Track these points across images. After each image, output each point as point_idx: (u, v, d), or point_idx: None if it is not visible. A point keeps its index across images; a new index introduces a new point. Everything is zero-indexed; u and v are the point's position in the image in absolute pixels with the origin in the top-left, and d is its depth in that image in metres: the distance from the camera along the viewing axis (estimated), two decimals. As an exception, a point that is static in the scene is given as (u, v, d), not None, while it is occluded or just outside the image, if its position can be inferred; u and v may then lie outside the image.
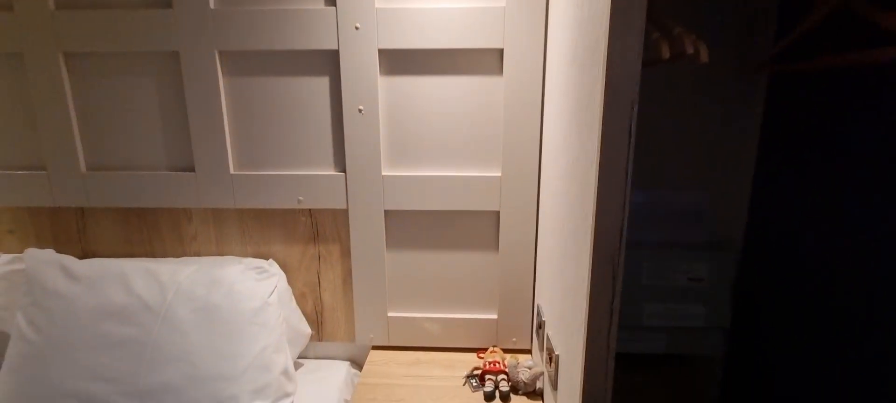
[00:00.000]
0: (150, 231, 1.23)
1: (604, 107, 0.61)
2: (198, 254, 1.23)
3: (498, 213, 1.19)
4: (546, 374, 1.05)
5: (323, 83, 1.13)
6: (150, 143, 1.18)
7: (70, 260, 1.08)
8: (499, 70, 1.10)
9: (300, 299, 1.26)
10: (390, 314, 1.27)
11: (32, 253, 1.07)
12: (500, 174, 1.16)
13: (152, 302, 0.98)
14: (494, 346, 1.26)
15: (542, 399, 1.09)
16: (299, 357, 1.32)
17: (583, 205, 0.72)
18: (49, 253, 1.08)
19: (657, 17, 0.87)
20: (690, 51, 0.80)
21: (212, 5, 1.08)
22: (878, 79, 0.82)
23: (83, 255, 1.24)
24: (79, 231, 1.24)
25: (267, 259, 1.22)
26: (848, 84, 0.88)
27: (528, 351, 1.29)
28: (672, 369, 1.25)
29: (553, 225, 0.98)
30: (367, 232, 1.21)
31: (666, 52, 0.79)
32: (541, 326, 1.10)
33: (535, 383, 1.11)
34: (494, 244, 1.22)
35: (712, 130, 1.09)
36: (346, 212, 1.20)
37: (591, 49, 0.67)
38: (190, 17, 1.07)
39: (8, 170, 1.20)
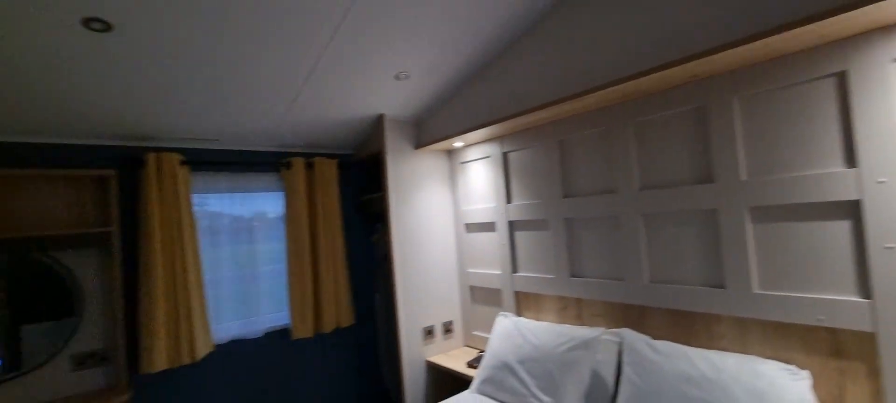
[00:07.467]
0: (689, 327, 1.81)
1: None
2: (724, 350, 1.69)
3: None
4: None
5: (843, 226, 1.41)
6: (693, 267, 1.79)
7: (649, 340, 1.78)
8: None
9: (823, 406, 1.48)
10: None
11: (627, 332, 1.85)
12: None
13: (711, 375, 1.49)
14: None
15: None
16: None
17: None
18: (636, 334, 1.83)
19: None
20: None
21: (743, 177, 1.61)
22: None
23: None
24: (639, 318, 1.98)
25: (787, 363, 1.52)
26: None
27: None
28: None
29: None
30: (900, 356, 1.31)
31: None
32: None
33: None
34: None
35: None
36: (872, 336, 1.36)
37: None
38: (726, 186, 1.65)
39: (599, 279, 2.11)
